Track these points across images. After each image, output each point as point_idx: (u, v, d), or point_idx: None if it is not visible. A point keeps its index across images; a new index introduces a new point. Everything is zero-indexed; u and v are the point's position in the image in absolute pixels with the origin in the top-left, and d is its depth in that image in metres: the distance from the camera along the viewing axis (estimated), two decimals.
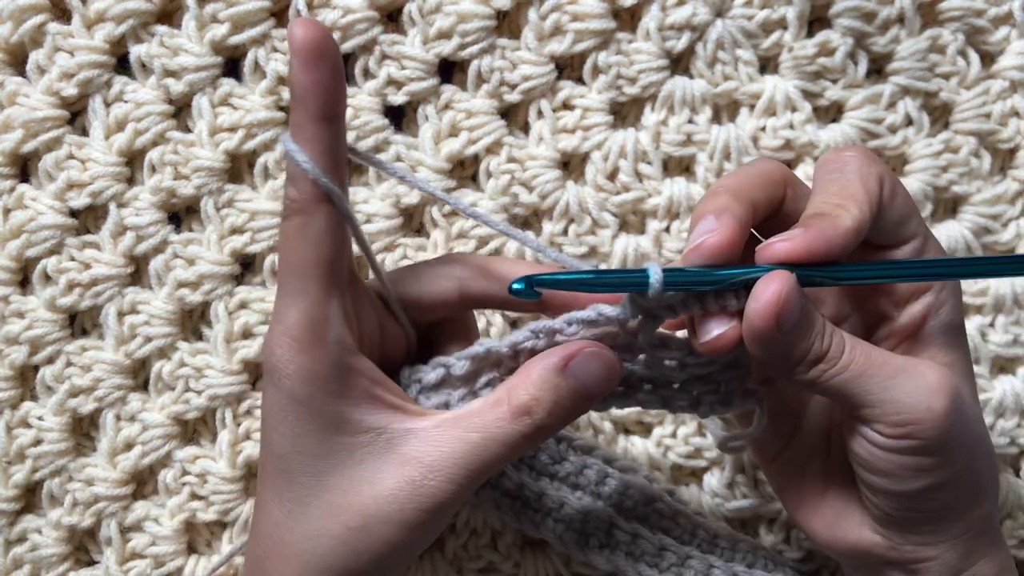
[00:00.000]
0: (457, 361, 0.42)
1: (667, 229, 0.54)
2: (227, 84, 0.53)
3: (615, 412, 0.55)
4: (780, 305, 0.38)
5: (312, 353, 0.38)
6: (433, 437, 0.39)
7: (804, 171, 0.54)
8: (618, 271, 0.48)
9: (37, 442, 0.54)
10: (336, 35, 0.52)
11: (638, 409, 0.53)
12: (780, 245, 0.39)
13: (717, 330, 0.39)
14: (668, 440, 0.55)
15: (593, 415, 0.55)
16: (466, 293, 0.44)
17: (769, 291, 0.38)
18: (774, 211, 0.42)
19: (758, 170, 0.42)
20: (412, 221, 0.55)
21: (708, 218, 0.39)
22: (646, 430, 0.56)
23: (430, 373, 0.42)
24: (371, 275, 0.44)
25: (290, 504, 0.40)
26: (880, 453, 0.40)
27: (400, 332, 0.45)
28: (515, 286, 0.39)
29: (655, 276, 0.38)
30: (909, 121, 0.55)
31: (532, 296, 0.39)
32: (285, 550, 0.40)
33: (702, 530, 0.51)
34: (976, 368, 0.54)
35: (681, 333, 0.43)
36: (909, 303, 0.43)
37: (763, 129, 0.54)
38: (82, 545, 0.56)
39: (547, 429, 0.40)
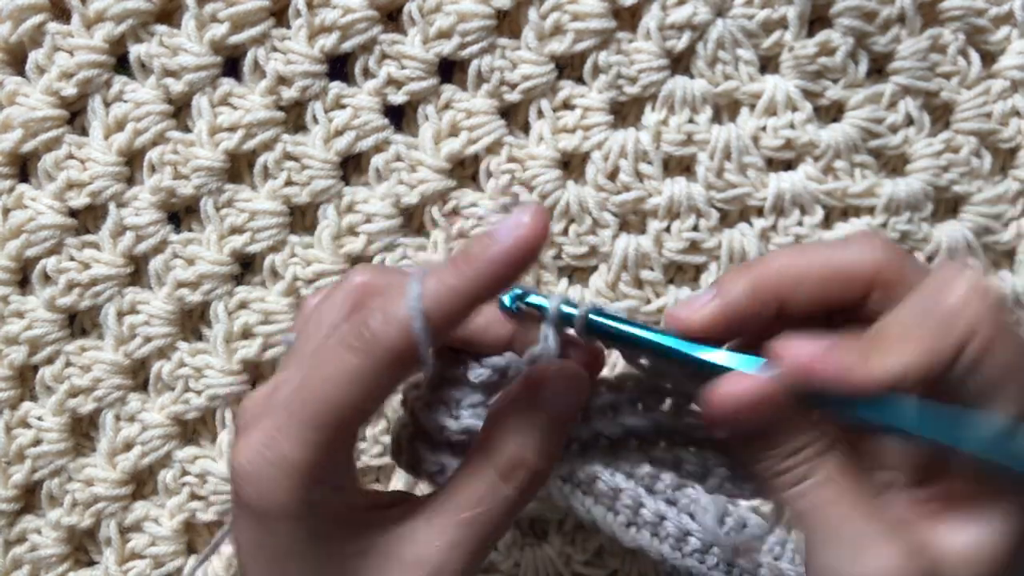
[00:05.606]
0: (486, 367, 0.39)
1: (667, 229, 0.54)
2: (227, 84, 0.53)
3: None
4: (737, 410, 0.33)
5: (304, 493, 0.34)
6: (427, 535, 0.35)
7: (804, 171, 0.54)
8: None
9: (36, 442, 0.54)
10: (336, 35, 0.52)
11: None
12: (796, 351, 0.33)
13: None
14: None
15: None
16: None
17: (739, 387, 0.33)
18: (843, 310, 0.35)
19: (824, 261, 0.35)
20: (412, 221, 0.55)
21: (708, 291, 0.35)
22: None
23: (479, 370, 0.38)
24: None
25: None
26: None
27: None
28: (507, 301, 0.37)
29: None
30: (910, 121, 0.55)
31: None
32: None
33: (731, 519, 0.51)
34: None
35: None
36: None
37: (764, 129, 0.54)
38: (81, 545, 0.56)
39: (543, 473, 0.36)
